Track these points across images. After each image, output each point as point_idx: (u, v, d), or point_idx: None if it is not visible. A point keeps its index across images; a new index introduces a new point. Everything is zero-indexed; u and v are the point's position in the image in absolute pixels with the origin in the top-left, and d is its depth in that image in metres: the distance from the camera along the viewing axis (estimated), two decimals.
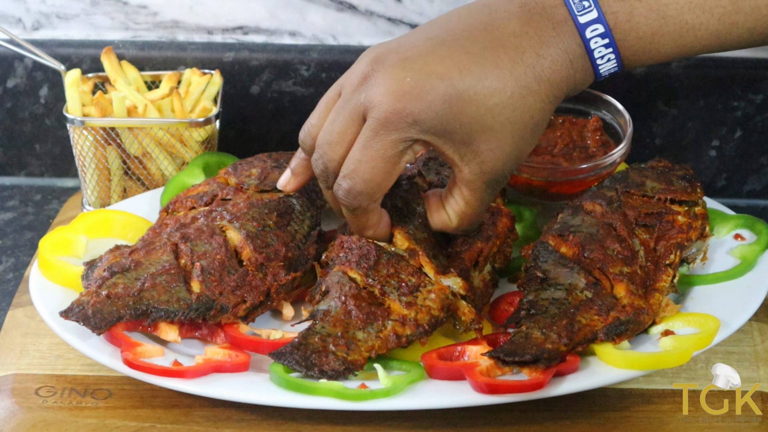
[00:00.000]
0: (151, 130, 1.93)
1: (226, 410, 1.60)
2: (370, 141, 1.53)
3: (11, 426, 1.58)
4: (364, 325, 1.60)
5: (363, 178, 1.54)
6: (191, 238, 1.71)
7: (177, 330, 1.65)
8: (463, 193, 1.59)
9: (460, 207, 1.61)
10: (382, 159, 1.53)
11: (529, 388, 1.53)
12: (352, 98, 1.55)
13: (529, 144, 1.56)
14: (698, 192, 1.79)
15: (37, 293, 1.70)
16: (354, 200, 1.57)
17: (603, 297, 1.62)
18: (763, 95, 2.05)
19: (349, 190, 1.55)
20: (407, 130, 1.52)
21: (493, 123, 1.52)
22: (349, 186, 1.55)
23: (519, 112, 1.53)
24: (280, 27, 2.11)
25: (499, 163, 1.55)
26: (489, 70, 1.52)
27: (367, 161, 1.53)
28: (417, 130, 1.52)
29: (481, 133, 1.52)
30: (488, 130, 1.52)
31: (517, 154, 1.56)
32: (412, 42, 1.55)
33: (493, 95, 1.52)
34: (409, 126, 1.51)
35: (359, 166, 1.54)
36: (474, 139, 1.53)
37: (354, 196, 1.56)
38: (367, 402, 1.54)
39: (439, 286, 1.64)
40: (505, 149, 1.54)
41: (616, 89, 2.03)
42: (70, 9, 2.10)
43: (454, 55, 1.52)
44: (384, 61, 1.53)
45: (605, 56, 1.55)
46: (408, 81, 1.51)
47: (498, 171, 1.56)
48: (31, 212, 2.10)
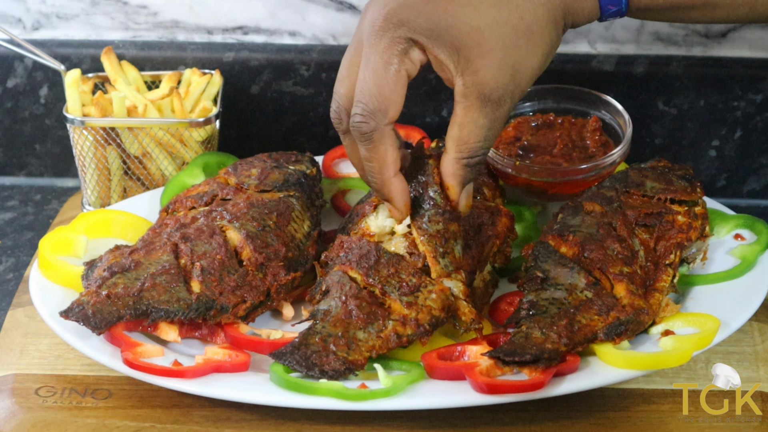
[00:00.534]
0: (151, 130, 1.93)
1: (226, 410, 1.60)
2: (368, 56, 1.50)
3: (11, 426, 1.59)
4: (364, 325, 1.60)
5: (370, 93, 1.50)
6: (191, 238, 1.71)
7: (177, 330, 1.65)
8: (456, 113, 1.52)
9: (455, 132, 1.53)
10: (382, 67, 1.49)
11: (529, 388, 1.53)
12: (355, 34, 1.54)
13: (525, 55, 1.49)
14: (698, 192, 1.79)
15: (37, 293, 1.70)
16: (369, 121, 1.51)
17: (603, 297, 1.62)
18: (763, 95, 2.05)
19: (362, 112, 1.51)
20: (396, 30, 1.49)
21: (480, 23, 1.47)
22: (361, 108, 1.51)
23: (506, 10, 1.48)
24: (280, 27, 2.11)
25: (491, 72, 1.49)
26: None
27: (369, 75, 1.50)
28: (405, 30, 1.48)
29: (469, 34, 1.48)
30: (476, 31, 1.48)
31: (513, 66, 1.49)
32: None
33: None
34: (396, 27, 1.49)
35: (364, 84, 1.51)
36: (464, 43, 1.48)
37: (368, 115, 1.51)
38: (367, 402, 1.54)
39: (440, 287, 1.63)
40: (495, 55, 1.48)
41: (616, 89, 2.03)
42: (70, 9, 2.10)
43: None
44: None
45: None
46: None
47: (491, 84, 1.49)
48: (31, 212, 2.10)
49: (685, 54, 2.06)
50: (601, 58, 2.06)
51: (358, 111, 1.52)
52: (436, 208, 1.65)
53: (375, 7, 1.52)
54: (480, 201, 1.79)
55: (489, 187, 1.84)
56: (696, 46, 2.06)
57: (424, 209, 1.66)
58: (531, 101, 1.96)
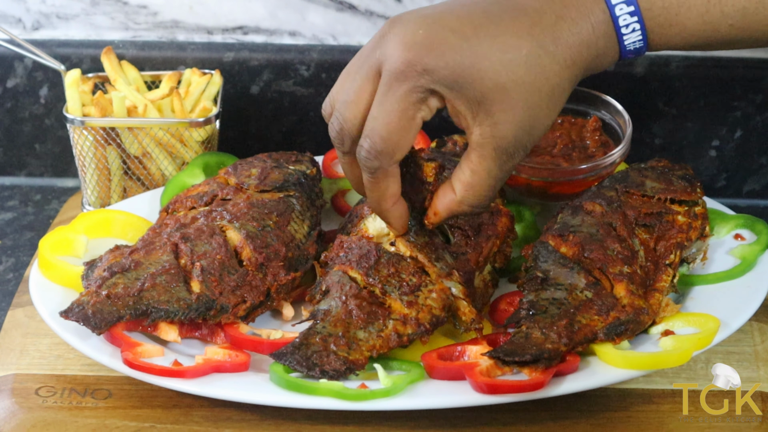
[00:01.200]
0: (151, 130, 1.93)
1: (226, 410, 1.60)
2: (384, 96, 1.49)
3: (11, 426, 1.58)
4: (365, 325, 1.60)
5: (380, 135, 1.50)
6: (191, 238, 1.71)
7: (177, 330, 1.65)
8: (471, 159, 1.53)
9: (466, 176, 1.54)
10: (398, 113, 1.49)
11: (529, 388, 1.53)
12: (369, 57, 1.52)
13: (544, 114, 1.50)
14: (698, 192, 1.79)
15: (37, 293, 1.70)
16: (374, 160, 1.52)
17: (603, 297, 1.62)
18: (763, 95, 2.05)
19: (369, 150, 1.51)
20: (418, 79, 1.48)
21: (506, 81, 1.48)
22: (369, 145, 1.51)
23: (533, 72, 1.49)
24: (280, 27, 2.11)
25: (510, 128, 1.50)
26: (505, 27, 1.48)
27: (383, 117, 1.49)
28: (428, 80, 1.48)
29: (493, 91, 1.48)
30: (501, 88, 1.48)
31: (531, 123, 1.50)
32: (432, 6, 1.52)
33: (507, 51, 1.47)
34: (420, 75, 1.48)
35: (376, 124, 1.50)
36: (486, 98, 1.48)
37: (374, 155, 1.52)
38: (367, 402, 1.54)
39: (440, 286, 1.64)
40: (517, 113, 1.49)
41: (616, 89, 2.03)
42: (70, 9, 2.10)
43: (472, 13, 1.49)
44: (401, 19, 1.50)
45: (630, 25, 1.50)
46: (420, 33, 1.47)
47: (509, 139, 1.50)
48: (31, 212, 2.10)
49: (685, 54, 2.06)
50: None
51: (365, 146, 1.52)
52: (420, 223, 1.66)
53: (399, 43, 1.49)
54: None
55: None
56: None
57: (410, 224, 1.67)
58: None
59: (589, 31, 1.51)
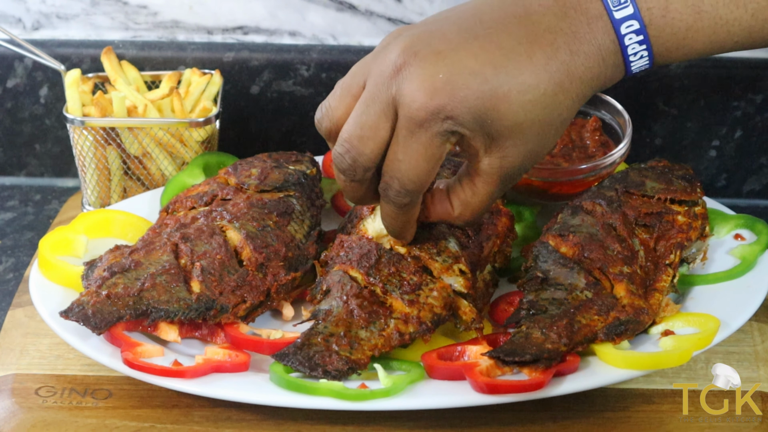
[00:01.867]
0: (151, 130, 1.93)
1: (226, 410, 1.60)
2: (408, 140, 1.51)
3: (11, 426, 1.58)
4: (366, 324, 1.60)
5: (410, 178, 1.53)
6: (191, 238, 1.71)
7: (177, 330, 1.65)
8: (474, 183, 1.56)
9: (467, 196, 1.58)
10: (424, 157, 1.52)
11: (529, 388, 1.53)
12: (383, 91, 1.51)
13: (550, 142, 1.54)
14: (698, 192, 1.79)
15: (37, 293, 1.70)
16: (405, 197, 1.55)
17: (603, 297, 1.62)
18: (763, 95, 2.05)
19: (400, 190, 1.54)
20: (442, 125, 1.50)
21: (525, 119, 1.50)
22: (399, 186, 1.54)
23: (549, 110, 1.51)
24: (280, 27, 2.11)
25: (519, 159, 1.53)
26: (523, 66, 1.50)
27: (411, 161, 1.52)
28: (451, 124, 1.50)
29: (511, 129, 1.50)
30: (518, 127, 1.50)
31: (538, 152, 1.54)
32: (443, 32, 1.52)
33: (527, 92, 1.49)
34: (443, 122, 1.49)
35: (403, 166, 1.52)
36: (502, 135, 1.51)
37: (405, 194, 1.54)
38: (367, 402, 1.54)
39: (440, 285, 1.64)
40: (528, 146, 1.52)
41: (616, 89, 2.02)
42: (70, 9, 2.10)
43: (488, 50, 1.50)
44: (417, 54, 1.50)
45: (638, 53, 1.52)
46: (441, 77, 1.49)
47: (516, 167, 1.54)
48: (31, 212, 2.10)
49: None
50: None
51: (395, 187, 1.54)
52: None
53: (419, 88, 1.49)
54: None
55: None
56: None
57: None
58: None
59: (600, 63, 1.52)
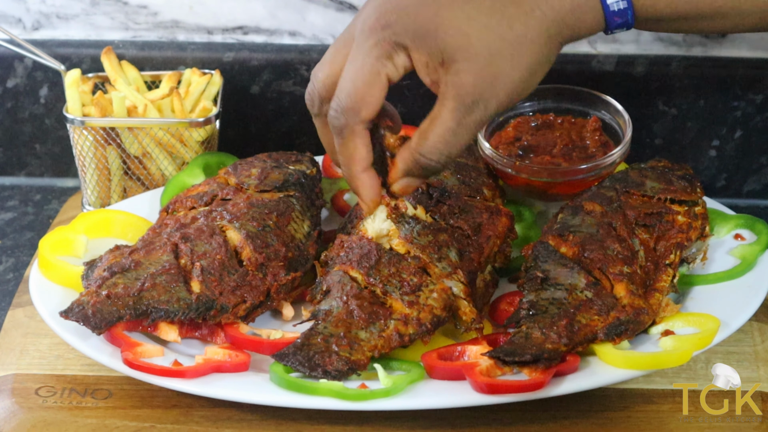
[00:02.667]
0: (151, 130, 1.93)
1: (226, 410, 1.60)
2: (354, 55, 1.51)
3: (11, 426, 1.59)
4: (366, 325, 1.60)
5: (346, 91, 1.51)
6: (191, 238, 1.71)
7: (177, 330, 1.65)
8: (433, 109, 1.51)
9: (424, 124, 1.52)
10: (362, 68, 1.50)
11: (529, 388, 1.53)
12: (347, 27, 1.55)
13: (508, 65, 1.48)
14: (698, 192, 1.79)
15: (37, 293, 1.70)
16: (340, 116, 1.52)
17: (603, 297, 1.62)
18: (763, 95, 2.05)
19: (336, 108, 1.52)
20: (382, 32, 1.49)
21: (469, 28, 1.47)
22: (335, 103, 1.52)
23: (496, 18, 1.47)
24: (280, 27, 2.11)
25: (470, 76, 1.47)
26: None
27: (350, 74, 1.51)
28: (391, 32, 1.48)
29: (455, 38, 1.47)
30: (463, 35, 1.47)
31: (493, 73, 1.47)
32: None
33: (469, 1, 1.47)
34: (383, 29, 1.49)
35: (343, 82, 1.51)
36: (449, 46, 1.47)
37: (340, 112, 1.52)
38: (367, 402, 1.54)
39: (441, 286, 1.64)
40: (479, 62, 1.47)
41: (616, 89, 2.03)
42: (70, 9, 2.10)
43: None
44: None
45: None
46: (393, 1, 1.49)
47: (469, 87, 1.47)
48: (31, 212, 2.10)
49: (685, 54, 2.06)
50: (601, 58, 2.06)
51: (333, 105, 1.53)
52: (422, 224, 1.67)
53: (371, 5, 1.52)
54: (480, 201, 1.79)
55: (489, 187, 1.84)
56: (696, 46, 2.06)
57: (411, 225, 1.67)
58: (531, 101, 1.96)
59: None
